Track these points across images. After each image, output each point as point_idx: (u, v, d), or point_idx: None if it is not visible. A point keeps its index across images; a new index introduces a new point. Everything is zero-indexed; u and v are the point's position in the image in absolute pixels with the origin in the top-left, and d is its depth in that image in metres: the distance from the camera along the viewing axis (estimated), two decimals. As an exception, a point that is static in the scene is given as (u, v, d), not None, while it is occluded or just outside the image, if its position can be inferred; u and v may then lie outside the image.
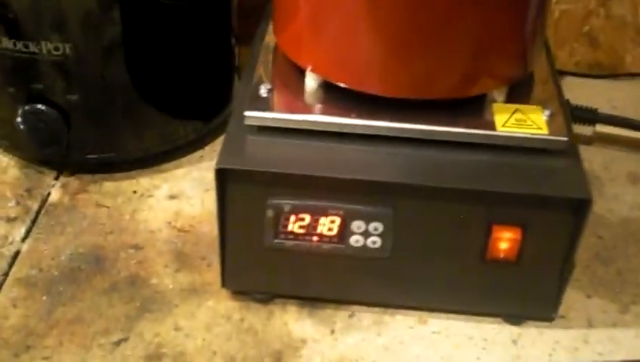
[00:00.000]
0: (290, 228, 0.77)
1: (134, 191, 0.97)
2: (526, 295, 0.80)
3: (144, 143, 0.99)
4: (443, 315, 0.83)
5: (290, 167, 0.75)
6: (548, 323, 0.83)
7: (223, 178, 0.75)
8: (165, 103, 0.98)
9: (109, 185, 0.98)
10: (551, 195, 0.74)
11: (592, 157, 1.04)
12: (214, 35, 1.02)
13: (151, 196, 0.96)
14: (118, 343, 0.80)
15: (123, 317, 0.82)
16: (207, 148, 1.04)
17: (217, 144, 1.01)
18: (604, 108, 1.03)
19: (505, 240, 0.76)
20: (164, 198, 0.96)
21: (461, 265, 0.79)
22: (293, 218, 0.77)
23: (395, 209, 0.76)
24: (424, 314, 0.83)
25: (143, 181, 0.98)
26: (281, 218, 0.77)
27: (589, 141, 1.06)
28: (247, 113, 0.76)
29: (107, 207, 0.95)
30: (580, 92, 1.07)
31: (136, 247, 0.90)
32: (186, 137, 1.01)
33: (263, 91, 0.78)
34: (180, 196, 0.96)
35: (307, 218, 0.77)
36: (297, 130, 0.77)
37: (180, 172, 1.00)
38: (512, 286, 0.80)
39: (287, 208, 0.76)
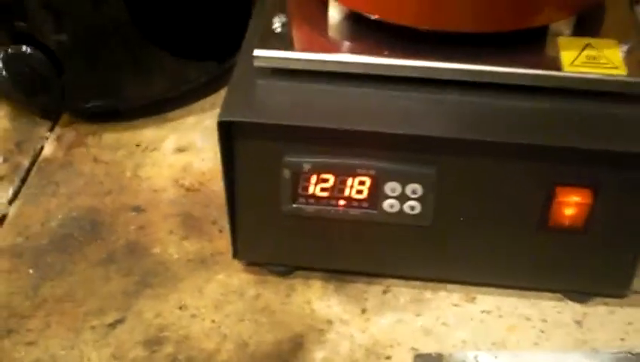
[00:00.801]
0: (311, 190, 0.65)
1: (137, 144, 0.85)
2: (594, 268, 0.67)
3: (148, 88, 0.86)
4: (494, 291, 0.70)
5: (309, 119, 0.62)
6: (619, 301, 0.70)
7: (229, 132, 0.63)
8: (171, 41, 0.85)
9: (109, 138, 0.86)
10: (630, 151, 0.60)
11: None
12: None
13: (156, 149, 0.84)
14: (113, 325, 0.68)
15: (120, 294, 0.71)
16: (221, 92, 0.90)
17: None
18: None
19: (571, 205, 0.63)
20: (171, 152, 0.84)
21: (517, 234, 0.66)
22: (314, 179, 0.64)
23: (437, 168, 0.63)
24: (472, 290, 0.71)
25: (148, 132, 0.86)
26: (300, 179, 0.64)
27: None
28: (256, 52, 0.63)
29: (106, 163, 0.83)
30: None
31: (138, 210, 0.78)
32: (196, 80, 0.88)
33: (277, 25, 0.65)
34: (189, 149, 0.84)
35: (331, 179, 0.64)
36: (318, 73, 0.63)
37: (189, 121, 0.87)
38: (578, 258, 0.67)
39: (306, 167, 0.64)
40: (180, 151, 0.84)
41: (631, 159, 0.61)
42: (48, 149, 0.85)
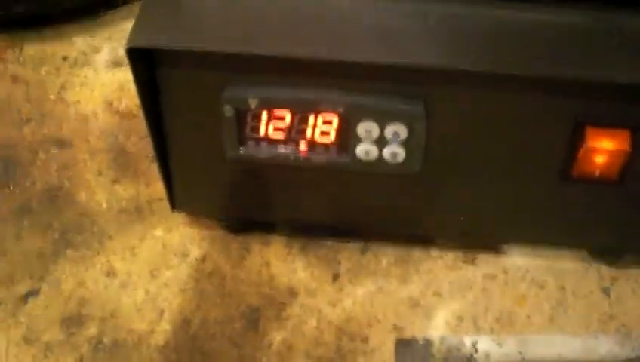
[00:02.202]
0: (262, 131, 0.49)
1: (64, 58, 0.69)
2: (629, 222, 0.53)
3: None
4: (500, 249, 0.56)
5: (255, 42, 0.46)
6: (657, 262, 0.56)
7: (148, 61, 0.47)
8: None
9: (31, 50, 0.70)
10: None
11: None
12: None
13: (87, 64, 0.69)
14: (24, 298, 0.55)
15: (34, 257, 0.57)
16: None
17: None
18: None
19: (603, 151, 0.48)
20: (104, 66, 0.69)
21: (531, 184, 0.51)
22: (265, 116, 0.49)
23: (426, 104, 0.47)
24: (471, 249, 0.56)
25: (78, 41, 0.71)
26: (246, 117, 0.49)
27: None
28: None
29: (26, 83, 0.68)
30: None
31: (62, 144, 0.63)
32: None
33: None
34: (127, 62, 0.68)
35: (287, 116, 0.49)
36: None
37: (128, 26, 0.70)
38: (609, 213, 0.52)
39: (254, 103, 0.48)
40: (116, 65, 0.69)
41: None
42: (-43, 65, 0.69)
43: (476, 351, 0.50)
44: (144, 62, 0.47)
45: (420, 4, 0.47)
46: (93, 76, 0.68)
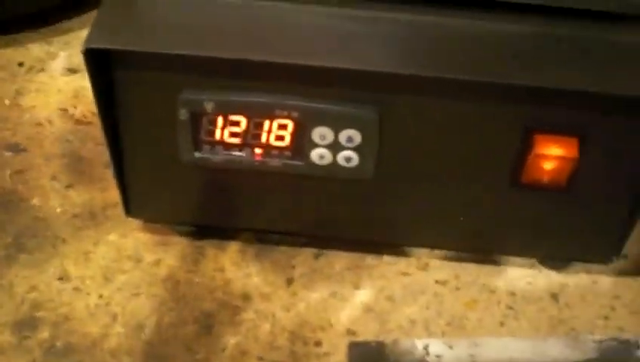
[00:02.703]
0: (217, 135, 0.50)
1: (20, 64, 0.69)
2: (577, 230, 0.54)
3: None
4: (452, 256, 0.57)
5: (211, 46, 0.46)
6: (603, 267, 0.57)
7: (104, 64, 0.47)
8: None
9: (-15, 54, 0.70)
10: (629, 95, 0.45)
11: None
12: None
13: (43, 70, 0.69)
14: (-24, 302, 0.54)
15: (-14, 260, 0.56)
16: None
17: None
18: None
19: (552, 158, 0.49)
20: (60, 72, 0.69)
21: (481, 191, 0.52)
22: (220, 121, 0.49)
23: (379, 109, 0.48)
24: (423, 255, 0.57)
25: (34, 48, 0.70)
26: (202, 121, 0.49)
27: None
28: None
29: (-20, 88, 0.67)
30: None
31: (16, 149, 0.63)
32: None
33: None
34: (82, 70, 0.67)
35: (243, 121, 0.49)
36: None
37: (84, 34, 0.70)
38: (557, 220, 0.53)
39: (210, 107, 0.49)
40: (72, 72, 0.68)
41: (629, 104, 0.46)
42: None
43: (428, 353, 0.51)
44: (101, 65, 0.47)
45: (373, 11, 0.47)
46: (49, 82, 0.67)
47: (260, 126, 0.50)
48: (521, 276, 0.56)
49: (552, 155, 0.49)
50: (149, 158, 0.53)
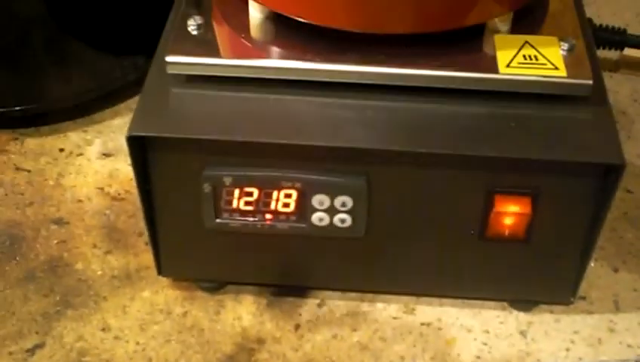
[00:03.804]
0: (234, 205, 0.61)
1: (61, 150, 0.80)
2: (538, 277, 0.64)
3: (72, 88, 0.81)
4: (434, 301, 0.67)
5: (228, 131, 0.57)
6: (565, 308, 0.67)
7: (142, 147, 0.58)
8: (94, 37, 0.80)
9: (31, 143, 0.81)
10: (571, 160, 0.56)
11: (618, 88, 0.85)
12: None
13: (81, 154, 0.79)
14: (32, 350, 0.64)
15: (40, 316, 0.66)
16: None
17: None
18: (633, 27, 0.84)
19: (510, 214, 0.59)
20: (96, 157, 0.79)
21: (456, 245, 0.62)
22: (237, 193, 0.60)
23: (367, 178, 0.59)
24: (411, 301, 0.67)
25: (73, 136, 0.81)
26: (222, 193, 0.60)
27: (614, 67, 0.87)
28: (169, 58, 0.58)
29: (28, 171, 0.78)
30: (603, 6, 0.88)
31: (60, 222, 0.73)
32: (122, 79, 0.83)
33: (192, 27, 0.60)
34: (115, 153, 0.79)
35: (255, 192, 0.60)
36: (237, 79, 0.59)
37: (116, 122, 0.83)
38: (521, 268, 0.64)
39: (228, 181, 0.60)
40: (106, 156, 0.79)
41: (574, 167, 0.57)
42: (-35, 158, 0.80)
43: (415, 382, 0.60)
44: (139, 148, 0.58)
45: (359, 100, 0.59)
46: (87, 165, 0.78)
47: (270, 195, 0.60)
48: (493, 316, 0.66)
49: (510, 212, 0.59)
50: (177, 225, 0.63)
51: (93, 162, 0.79)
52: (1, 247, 0.71)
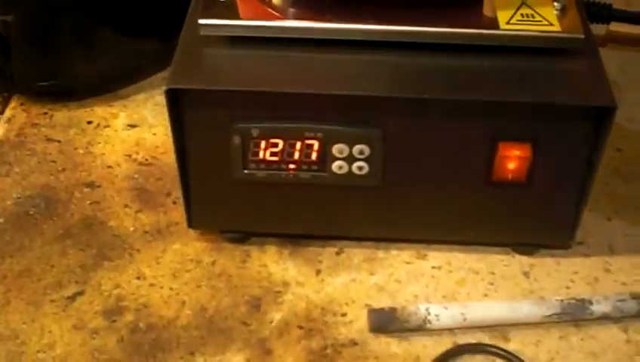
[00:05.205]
0: (261, 155, 0.66)
1: (89, 122, 0.85)
2: (539, 220, 0.70)
3: (98, 66, 0.87)
4: (444, 247, 0.73)
5: (257, 84, 0.63)
6: (564, 252, 0.72)
7: (177, 100, 0.64)
8: (119, 19, 0.86)
9: (60, 116, 0.86)
10: (566, 103, 0.62)
11: (607, 61, 0.91)
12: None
13: (107, 126, 0.85)
14: (72, 297, 0.69)
15: (78, 268, 0.71)
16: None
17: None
18: (619, 3, 0.90)
19: (513, 159, 0.65)
20: (122, 128, 0.85)
21: (464, 190, 0.68)
22: (263, 144, 0.66)
23: (383, 128, 0.65)
24: (422, 248, 0.73)
25: (99, 110, 0.87)
26: (250, 144, 0.66)
27: (601, 42, 0.93)
28: (202, 21, 0.64)
29: (58, 142, 0.83)
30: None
31: (92, 186, 0.79)
32: (145, 57, 0.89)
33: (220, -6, 0.66)
34: (140, 125, 0.85)
35: (280, 143, 0.66)
36: (262, 39, 0.65)
37: (140, 97, 0.88)
38: (523, 211, 0.69)
39: (255, 133, 0.65)
40: (132, 127, 0.85)
41: (569, 111, 0.63)
42: (0, 131, 0.85)
43: (429, 314, 0.65)
44: (175, 102, 0.64)
45: (373, 56, 0.65)
46: (114, 135, 0.84)
47: (293, 146, 0.66)
48: (498, 260, 0.72)
49: (512, 157, 0.65)
50: (207, 177, 0.68)
51: (119, 132, 0.84)
52: (37, 208, 0.76)
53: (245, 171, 0.67)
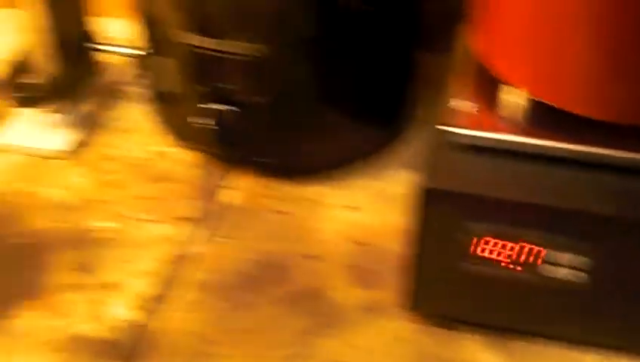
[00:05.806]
0: (486, 253, 0.73)
1: (314, 200, 0.94)
2: None
3: (325, 150, 0.97)
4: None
5: (495, 190, 0.71)
6: None
7: (425, 196, 0.72)
8: (349, 110, 0.95)
9: (288, 191, 0.96)
10: None
11: None
12: (399, 40, 0.98)
13: (330, 206, 0.94)
14: (291, 358, 0.77)
15: (298, 331, 0.80)
16: (384, 159, 0.99)
17: (395, 155, 0.99)
18: None
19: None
20: (342, 209, 0.93)
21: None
22: (491, 243, 0.73)
23: (600, 243, 0.71)
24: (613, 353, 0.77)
25: (323, 189, 0.96)
26: (479, 242, 0.73)
27: None
28: (454, 130, 0.73)
29: (286, 214, 0.93)
30: None
31: (313, 258, 0.87)
32: (365, 147, 0.98)
33: (466, 107, 0.74)
34: (357, 208, 0.93)
35: (504, 244, 0.72)
36: (499, 150, 0.73)
37: (358, 183, 0.97)
38: None
39: (485, 232, 0.72)
40: (351, 208, 0.93)
41: None
42: (235, 197, 0.95)
43: None
44: (424, 198, 0.72)
45: (597, 175, 0.71)
46: (334, 215, 0.92)
47: (513, 249, 0.73)
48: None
49: None
50: (437, 267, 0.75)
51: (340, 213, 0.93)
52: (265, 273, 0.86)
53: (472, 265, 0.74)
